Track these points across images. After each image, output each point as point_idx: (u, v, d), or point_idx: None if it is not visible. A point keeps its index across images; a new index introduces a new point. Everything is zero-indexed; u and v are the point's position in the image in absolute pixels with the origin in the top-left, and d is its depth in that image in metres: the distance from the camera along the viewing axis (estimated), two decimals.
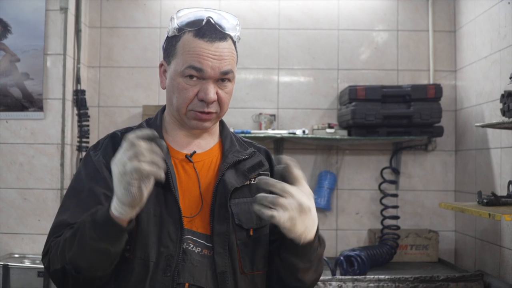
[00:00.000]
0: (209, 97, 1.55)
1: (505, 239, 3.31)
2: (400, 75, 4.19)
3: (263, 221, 1.62)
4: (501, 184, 3.35)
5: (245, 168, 1.64)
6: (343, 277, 3.27)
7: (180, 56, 1.56)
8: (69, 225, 1.51)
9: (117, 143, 1.58)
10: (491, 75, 3.51)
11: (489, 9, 3.57)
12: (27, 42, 3.71)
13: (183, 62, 1.55)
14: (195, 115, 1.58)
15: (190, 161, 1.62)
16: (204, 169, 1.63)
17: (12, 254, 3.64)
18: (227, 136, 1.72)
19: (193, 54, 1.54)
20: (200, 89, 1.55)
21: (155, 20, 4.17)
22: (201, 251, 1.54)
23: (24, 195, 3.70)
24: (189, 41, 1.55)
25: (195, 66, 1.53)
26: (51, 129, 3.71)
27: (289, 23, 4.18)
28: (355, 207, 4.16)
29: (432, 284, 3.23)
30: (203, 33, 1.55)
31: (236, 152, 1.66)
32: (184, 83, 1.55)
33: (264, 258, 1.64)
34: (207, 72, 1.54)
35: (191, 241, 1.54)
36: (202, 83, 1.55)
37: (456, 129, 4.14)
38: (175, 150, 1.64)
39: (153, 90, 4.14)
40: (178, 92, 1.57)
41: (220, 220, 1.56)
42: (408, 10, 4.21)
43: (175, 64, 1.57)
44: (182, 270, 1.51)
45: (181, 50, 1.56)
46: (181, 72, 1.55)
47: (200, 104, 1.56)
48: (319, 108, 4.16)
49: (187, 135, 1.66)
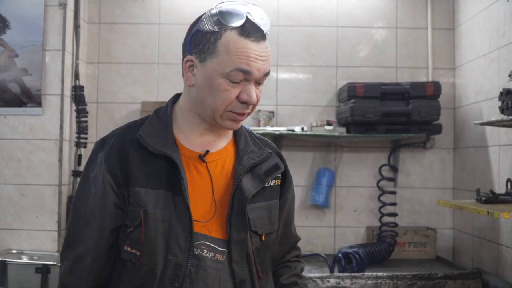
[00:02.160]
0: (253, 99, 1.47)
1: (503, 236, 3.32)
2: (399, 72, 4.18)
3: (274, 226, 1.61)
4: (499, 182, 3.35)
5: (262, 172, 1.57)
6: (341, 274, 3.28)
7: (224, 56, 1.44)
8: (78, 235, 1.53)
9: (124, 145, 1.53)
10: (490, 73, 3.51)
11: (488, 7, 3.56)
12: (25, 37, 3.70)
13: (229, 63, 1.44)
14: (233, 117, 1.50)
15: (203, 161, 1.55)
16: (218, 170, 1.56)
17: (9, 250, 3.64)
18: (242, 134, 1.64)
19: (241, 55, 1.44)
20: (243, 91, 1.47)
21: (154, 16, 4.17)
22: (214, 256, 1.50)
23: (22, 191, 3.69)
24: (235, 40, 1.44)
25: (244, 69, 1.44)
26: (49, 125, 3.70)
27: (288, 20, 4.18)
28: (353, 204, 4.16)
29: (430, 281, 3.24)
30: (248, 32, 1.45)
31: (251, 153, 1.59)
32: (226, 84, 1.45)
33: (271, 260, 1.65)
34: (254, 75, 1.46)
35: (205, 246, 1.49)
36: (244, 84, 1.47)
37: (454, 126, 4.14)
38: (187, 148, 1.56)
39: (151, 87, 4.13)
40: (218, 93, 1.46)
41: (238, 227, 1.52)
42: (407, 7, 4.20)
43: (216, 64, 1.45)
44: (195, 279, 1.47)
45: (224, 49, 1.44)
46: (226, 73, 1.44)
47: (241, 106, 1.48)
48: (317, 105, 4.16)
49: (202, 134, 1.58)
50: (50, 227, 3.66)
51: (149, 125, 1.56)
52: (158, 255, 1.46)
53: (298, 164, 4.11)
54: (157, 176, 1.49)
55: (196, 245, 1.48)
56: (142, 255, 1.47)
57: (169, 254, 1.46)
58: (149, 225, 1.46)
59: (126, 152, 1.51)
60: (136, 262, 1.48)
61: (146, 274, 1.47)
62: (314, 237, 4.10)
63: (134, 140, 1.53)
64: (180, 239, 1.47)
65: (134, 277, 1.49)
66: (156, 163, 1.50)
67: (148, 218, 1.45)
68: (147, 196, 1.47)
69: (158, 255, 1.46)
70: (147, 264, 1.47)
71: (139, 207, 1.47)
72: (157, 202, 1.47)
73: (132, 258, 1.48)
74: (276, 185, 1.62)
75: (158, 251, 1.46)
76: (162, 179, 1.49)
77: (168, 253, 1.46)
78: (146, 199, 1.47)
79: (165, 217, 1.47)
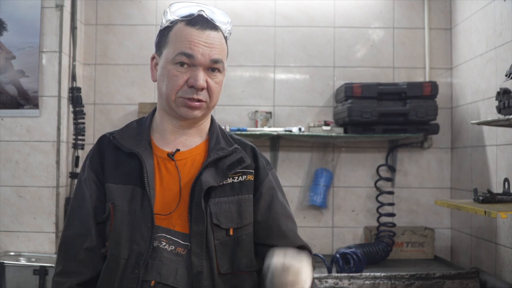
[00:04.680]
0: (199, 83, 1.56)
1: (501, 236, 3.32)
2: (396, 72, 4.19)
3: (244, 220, 1.62)
4: (497, 182, 3.35)
5: (225, 166, 1.63)
6: (339, 275, 3.28)
7: (171, 44, 1.59)
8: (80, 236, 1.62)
9: (103, 146, 1.67)
10: (487, 72, 3.51)
11: (484, 7, 3.57)
12: (22, 39, 3.70)
13: (174, 49, 1.58)
14: (184, 102, 1.59)
15: (172, 159, 1.63)
16: (187, 167, 1.64)
17: (7, 252, 3.63)
18: (214, 133, 1.72)
19: (184, 41, 1.57)
20: (190, 76, 1.57)
21: (151, 17, 4.16)
22: (175, 249, 1.55)
23: (20, 192, 3.68)
24: (181, 29, 1.59)
25: (186, 52, 1.56)
26: (46, 126, 3.70)
27: (285, 20, 4.18)
28: (351, 204, 4.16)
29: (428, 281, 3.24)
30: (195, 22, 1.59)
31: (220, 150, 1.66)
32: (175, 70, 1.57)
33: (247, 258, 1.62)
34: (198, 59, 1.56)
35: (164, 239, 1.55)
36: (192, 70, 1.57)
37: (452, 126, 4.14)
38: (159, 148, 1.66)
39: (148, 88, 4.13)
40: (168, 79, 1.58)
41: (198, 220, 1.56)
42: (404, 7, 4.21)
43: (167, 52, 1.60)
44: (150, 268, 1.53)
45: (173, 38, 1.60)
46: (172, 59, 1.57)
47: (190, 90, 1.58)
48: (315, 106, 4.16)
49: (174, 131, 1.67)
50: (47, 228, 3.66)
51: (126, 128, 1.70)
52: (123, 245, 1.54)
53: (295, 164, 4.11)
54: (128, 173, 1.60)
55: (156, 237, 1.55)
56: (109, 245, 1.57)
57: (134, 244, 1.55)
58: (116, 217, 1.56)
59: (104, 152, 1.65)
60: (105, 252, 1.58)
61: (112, 262, 1.55)
62: (312, 238, 4.10)
63: (111, 142, 1.67)
64: (143, 230, 1.55)
65: (104, 268, 1.57)
66: (129, 162, 1.62)
67: (116, 210, 1.56)
68: (117, 191, 1.59)
69: (123, 245, 1.54)
70: (113, 254, 1.55)
71: (109, 201, 1.60)
72: (125, 197, 1.58)
73: (103, 250, 1.60)
74: (248, 180, 1.66)
75: (123, 241, 1.54)
76: (133, 175, 1.59)
77: (133, 243, 1.55)
78: (116, 194, 1.59)
79: (132, 210, 1.57)
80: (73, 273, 1.61)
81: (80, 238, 1.62)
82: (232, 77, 4.12)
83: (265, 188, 1.70)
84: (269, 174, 1.73)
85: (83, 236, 1.62)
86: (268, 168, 1.74)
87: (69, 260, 1.62)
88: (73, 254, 1.61)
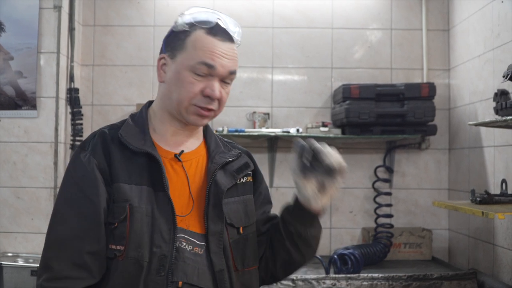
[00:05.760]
0: (216, 93, 1.56)
1: (499, 237, 3.32)
2: (394, 73, 4.19)
3: (251, 219, 1.68)
4: (495, 183, 3.36)
5: (233, 169, 1.67)
6: (336, 276, 3.28)
7: (191, 51, 1.56)
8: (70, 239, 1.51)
9: (108, 142, 1.60)
10: (485, 73, 3.51)
11: (482, 8, 3.57)
12: (20, 40, 3.70)
13: (194, 57, 1.55)
14: (197, 111, 1.58)
15: (179, 160, 1.63)
16: (192, 168, 1.65)
17: (5, 253, 3.63)
18: (212, 136, 1.74)
19: (206, 50, 1.55)
20: (207, 85, 1.56)
21: (149, 18, 4.16)
22: (192, 249, 1.56)
23: (18, 193, 3.68)
24: (202, 37, 1.57)
25: (207, 63, 1.54)
26: (44, 127, 3.70)
27: (283, 21, 4.18)
28: (349, 205, 4.16)
29: (426, 282, 3.24)
30: (216, 32, 1.57)
31: (222, 153, 1.69)
32: (191, 77, 1.55)
33: (253, 254, 1.68)
34: (218, 70, 1.56)
35: (184, 240, 1.55)
36: (208, 79, 1.56)
37: (449, 127, 4.15)
38: (163, 148, 1.64)
39: (146, 89, 4.13)
40: (183, 86, 1.56)
41: (215, 220, 1.59)
42: (402, 8, 4.21)
43: (183, 58, 1.57)
44: (176, 269, 1.52)
45: (191, 45, 1.57)
46: (191, 66, 1.55)
47: (205, 100, 1.57)
48: (313, 107, 4.17)
49: (175, 133, 1.66)
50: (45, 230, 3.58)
51: (126, 127, 1.65)
52: (144, 248, 1.51)
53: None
54: (139, 173, 1.56)
55: (177, 237, 1.54)
56: (127, 248, 1.50)
57: (154, 247, 1.52)
58: (135, 218, 1.52)
59: (109, 150, 1.58)
60: (119, 256, 1.51)
61: (132, 266, 1.50)
62: None
63: (115, 139, 1.61)
64: (164, 232, 1.53)
65: (118, 271, 1.51)
66: (137, 161, 1.58)
67: (134, 211, 1.52)
68: (131, 192, 1.54)
69: (144, 247, 1.51)
70: (133, 257, 1.50)
71: (124, 201, 1.53)
72: (141, 197, 1.54)
73: (116, 254, 1.51)
74: (248, 181, 1.72)
75: (144, 243, 1.51)
76: (144, 175, 1.56)
77: (153, 245, 1.52)
78: (131, 194, 1.53)
79: (148, 211, 1.53)
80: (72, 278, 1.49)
81: (80, 239, 1.50)
82: None
83: (264, 189, 1.80)
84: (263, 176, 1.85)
85: (84, 237, 1.50)
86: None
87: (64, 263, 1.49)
88: (70, 257, 1.50)
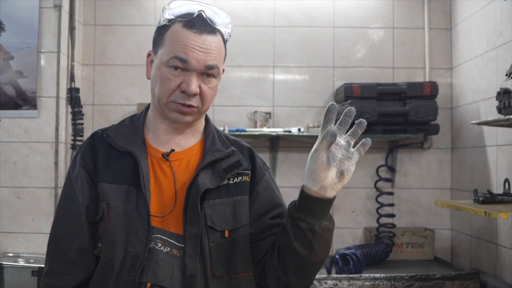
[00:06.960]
0: (191, 89, 1.52)
1: (501, 237, 3.31)
2: (396, 72, 4.17)
3: (240, 222, 1.59)
4: (497, 182, 3.34)
5: (222, 168, 1.60)
6: (338, 276, 3.27)
7: (167, 46, 1.54)
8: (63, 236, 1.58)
9: (96, 142, 1.63)
10: (487, 72, 3.50)
11: (485, 7, 3.56)
12: (20, 40, 3.69)
13: (168, 52, 1.53)
14: (176, 107, 1.55)
15: (167, 160, 1.60)
16: (181, 168, 1.61)
17: (6, 253, 3.63)
18: (210, 134, 1.69)
19: (179, 44, 1.52)
20: (183, 81, 1.53)
21: (150, 17, 4.15)
22: (170, 250, 1.53)
23: (18, 194, 3.67)
24: (177, 31, 1.54)
25: (180, 57, 1.51)
26: (45, 127, 3.69)
27: (284, 20, 4.17)
28: (351, 205, 4.15)
29: (428, 282, 3.23)
30: (193, 24, 1.53)
31: (216, 151, 1.63)
32: (168, 73, 1.53)
33: (244, 260, 1.59)
34: (192, 64, 1.52)
35: (160, 240, 1.53)
36: (186, 74, 1.53)
37: (452, 127, 4.13)
38: (154, 148, 1.62)
39: (147, 88, 4.07)
40: (161, 82, 1.54)
41: (193, 222, 1.54)
42: (404, 7, 4.19)
43: (161, 54, 1.56)
44: (146, 270, 1.50)
45: (168, 39, 1.55)
46: (165, 61, 1.53)
47: (182, 96, 1.54)
48: (314, 106, 4.15)
49: (168, 131, 1.64)
50: (46, 230, 3.62)
51: (119, 125, 1.67)
52: (117, 247, 1.51)
53: (295, 165, 4.09)
54: (122, 173, 1.57)
55: (152, 238, 1.52)
56: (103, 247, 1.53)
57: (129, 246, 1.52)
58: (110, 217, 1.53)
59: (96, 150, 1.61)
60: (98, 254, 1.55)
61: (106, 264, 1.52)
62: None
63: (104, 139, 1.63)
64: (139, 231, 1.52)
65: (97, 270, 1.54)
66: (123, 161, 1.58)
67: (110, 211, 1.53)
68: (110, 191, 1.55)
69: (117, 246, 1.51)
70: (107, 256, 1.52)
71: (103, 201, 1.55)
72: (120, 197, 1.54)
73: (97, 252, 1.55)
74: (244, 181, 1.63)
75: (118, 243, 1.52)
76: (127, 175, 1.56)
77: (128, 244, 1.52)
78: (110, 194, 1.55)
79: (126, 211, 1.53)
80: (64, 274, 1.56)
81: (71, 237, 1.57)
82: (231, 78, 4.11)
83: (262, 189, 1.67)
84: (266, 175, 1.71)
85: (74, 235, 1.57)
86: (264, 169, 1.72)
87: (58, 259, 1.58)
88: (63, 253, 1.57)
